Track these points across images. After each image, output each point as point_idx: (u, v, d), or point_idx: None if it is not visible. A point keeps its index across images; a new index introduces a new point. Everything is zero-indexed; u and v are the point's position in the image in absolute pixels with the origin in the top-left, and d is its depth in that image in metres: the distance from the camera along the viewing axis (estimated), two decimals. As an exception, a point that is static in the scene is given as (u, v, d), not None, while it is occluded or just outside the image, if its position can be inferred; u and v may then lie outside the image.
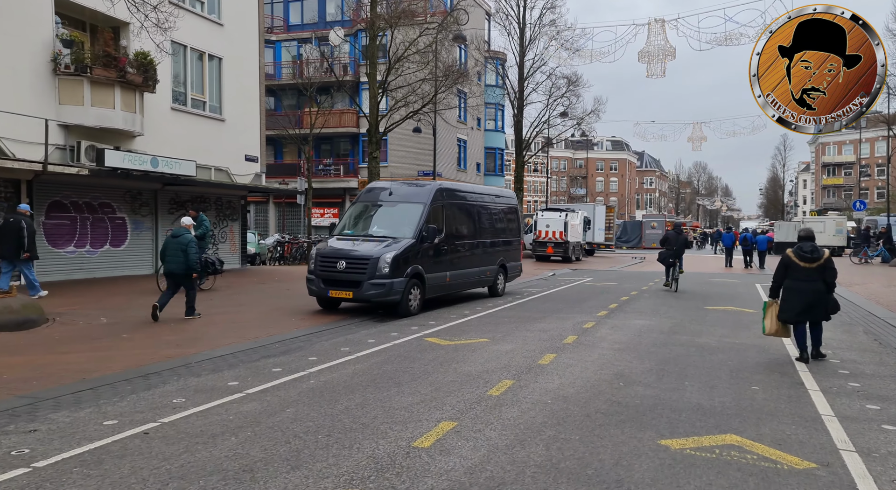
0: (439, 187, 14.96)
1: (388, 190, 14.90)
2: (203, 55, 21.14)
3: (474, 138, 46.36)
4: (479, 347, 9.53)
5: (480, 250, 16.60)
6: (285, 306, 14.09)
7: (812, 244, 8.97)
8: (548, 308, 14.74)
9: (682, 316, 13.67)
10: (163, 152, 19.03)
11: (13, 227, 13.25)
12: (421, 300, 13.75)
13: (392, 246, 13.24)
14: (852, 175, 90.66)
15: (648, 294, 18.25)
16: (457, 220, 15.57)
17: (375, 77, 22.82)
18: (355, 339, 10.22)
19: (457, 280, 15.31)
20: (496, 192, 18.66)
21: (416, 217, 14.00)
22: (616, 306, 15.12)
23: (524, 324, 12.10)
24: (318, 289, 13.26)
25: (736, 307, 15.44)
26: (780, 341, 10.79)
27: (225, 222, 22.64)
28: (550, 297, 17.25)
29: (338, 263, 13.04)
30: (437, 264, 14.40)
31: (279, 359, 8.58)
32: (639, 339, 10.50)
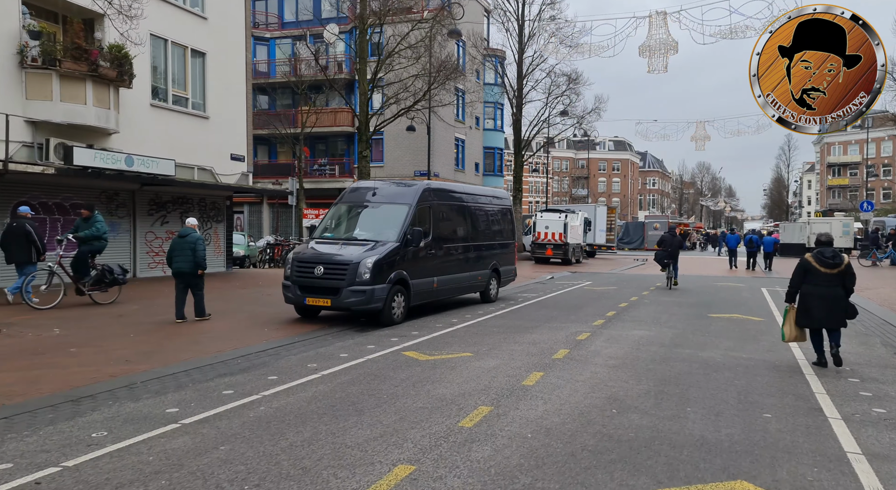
0: (426, 187, 14.09)
1: (371, 190, 14.03)
2: (185, 50, 20.29)
3: (473, 138, 45.47)
4: (459, 363, 8.65)
5: (471, 254, 15.73)
6: (262, 314, 13.22)
7: (833, 249, 8.81)
8: (541, 316, 13.86)
9: (685, 325, 12.77)
10: (142, 151, 18.19)
11: (19, 232, 13.11)
12: (405, 308, 12.88)
13: (374, 250, 12.38)
14: (858, 175, 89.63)
15: (649, 300, 17.35)
16: (446, 221, 14.70)
17: (365, 73, 21.96)
18: (327, 353, 9.35)
19: (445, 286, 14.44)
20: (489, 193, 17.78)
21: (400, 219, 13.13)
22: (614, 314, 14.23)
23: (513, 335, 11.22)
24: (294, 296, 12.40)
25: (741, 315, 14.54)
26: (790, 354, 9.92)
27: (209, 224, 21.77)
28: (545, 304, 16.37)
29: (315, 269, 12.17)
30: (423, 269, 13.53)
31: (236, 378, 7.71)
32: (636, 354, 9.61)
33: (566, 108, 40.00)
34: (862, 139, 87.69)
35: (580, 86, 38.63)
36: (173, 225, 20.10)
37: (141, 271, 18.75)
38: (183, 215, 20.60)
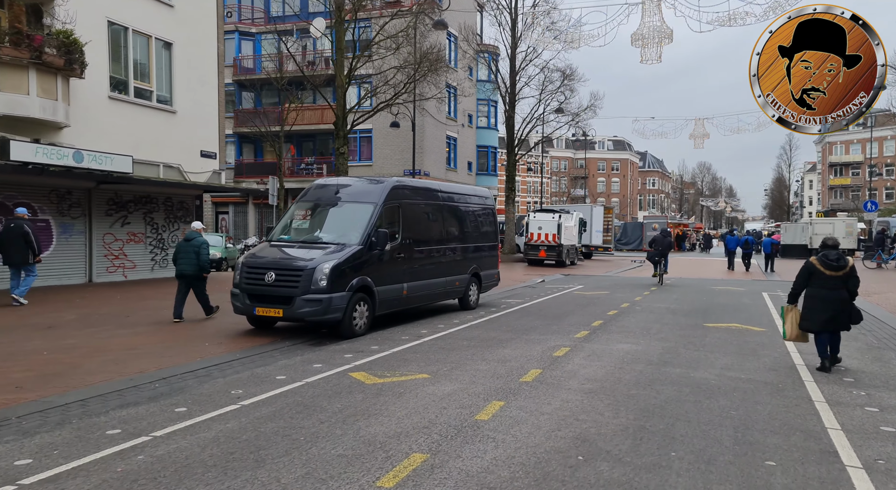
0: (395, 185, 12.85)
1: (334, 188, 12.80)
2: (149, 39, 19.06)
3: (465, 136, 44.23)
4: (410, 389, 7.42)
5: (448, 257, 14.50)
6: (214, 325, 12.00)
7: (837, 252, 8.86)
8: (520, 326, 12.62)
9: (677, 337, 11.53)
10: (100, 146, 16.98)
11: (17, 233, 13.18)
12: (369, 318, 11.64)
13: (333, 254, 11.14)
14: (860, 175, 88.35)
15: (641, 306, 16.10)
16: (418, 222, 13.48)
17: (343, 65, 20.72)
18: (262, 375, 8.12)
19: (417, 293, 13.20)
20: (469, 191, 16.55)
21: (364, 219, 11.90)
22: (600, 324, 12.99)
23: (483, 350, 9.98)
24: (242, 306, 11.16)
25: (740, 324, 13.30)
26: (795, 374, 8.70)
27: (176, 224, 20.53)
28: (529, 311, 15.13)
29: (266, 275, 10.93)
30: (390, 275, 12.30)
31: (137, 410, 6.48)
32: (618, 375, 8.37)
33: (561, 104, 38.73)
34: (864, 138, 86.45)
35: (575, 82, 37.38)
36: (135, 226, 18.90)
37: (98, 276, 17.50)
38: (147, 216, 19.42)
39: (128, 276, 18.60)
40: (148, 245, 19.40)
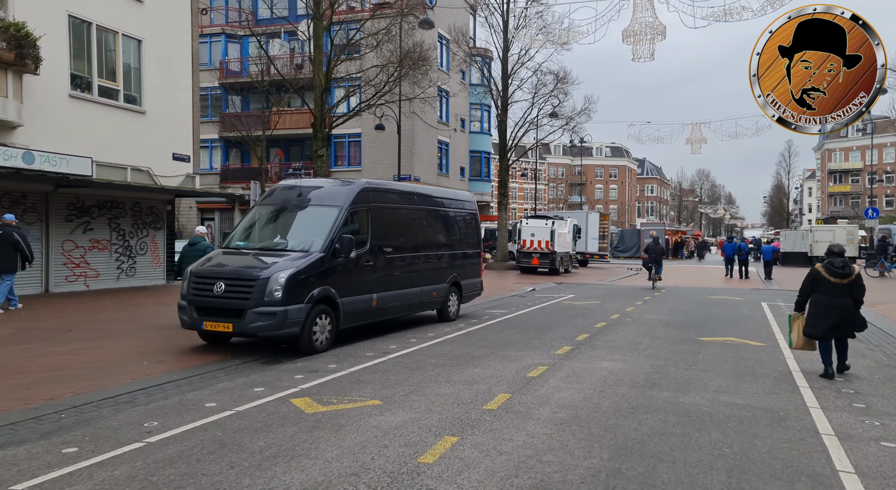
0: (364, 187, 11.87)
1: (298, 190, 11.80)
2: (116, 35, 18.11)
3: (458, 141, 43.30)
4: (354, 419, 6.41)
5: (424, 265, 13.52)
6: (162, 339, 11.00)
7: (843, 259, 8.84)
8: (499, 340, 11.62)
9: (668, 354, 10.53)
10: (59, 147, 16.03)
11: (7, 240, 13.13)
12: (332, 332, 10.64)
13: (290, 262, 10.16)
14: (860, 182, 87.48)
15: (632, 318, 15.10)
16: (390, 228, 12.50)
17: (321, 63, 19.76)
18: (192, 402, 7.11)
19: (388, 304, 12.20)
20: (450, 195, 15.57)
21: (327, 224, 10.92)
22: (586, 338, 11.98)
23: (452, 369, 8.98)
24: (189, 319, 10.15)
25: (737, 339, 12.30)
26: (798, 397, 7.74)
27: (144, 231, 19.52)
28: (512, 323, 14.13)
29: (215, 285, 9.93)
30: (358, 285, 11.31)
31: (16, 450, 5.46)
32: (597, 400, 7.36)
33: (555, 108, 37.78)
34: (863, 145, 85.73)
35: (568, 85, 36.43)
36: (99, 232, 17.90)
37: (55, 285, 16.46)
38: (112, 221, 18.42)
39: (90, 285, 17.57)
40: (113, 253, 18.38)
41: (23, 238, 13.45)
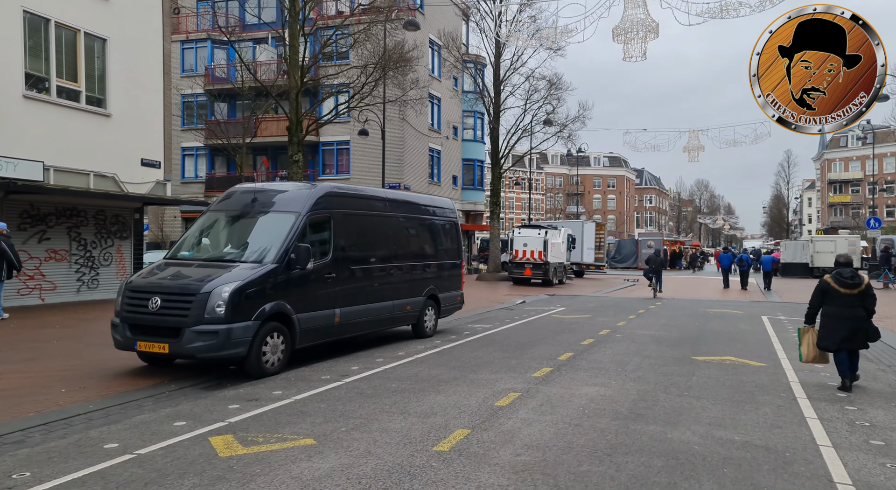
0: (326, 192, 10.82)
1: (252, 194, 10.74)
2: (77, 33, 17.12)
3: (450, 148, 42.34)
4: (273, 467, 5.33)
5: (397, 277, 12.47)
6: (96, 361, 9.92)
7: (852, 270, 8.74)
8: (474, 360, 10.54)
9: (658, 376, 9.46)
10: (13, 151, 15.05)
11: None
12: (286, 352, 9.57)
13: (237, 274, 9.10)
14: (860, 192, 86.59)
15: (622, 334, 14.02)
16: (357, 236, 11.47)
17: (297, 64, 18.77)
18: (91, 441, 6.04)
19: (354, 320, 11.13)
20: (427, 202, 14.54)
21: (282, 232, 9.87)
22: (569, 357, 10.90)
23: (411, 397, 7.90)
24: (122, 339, 9.07)
25: (736, 358, 11.23)
26: (806, 431, 6.69)
27: (109, 240, 18.45)
28: (493, 339, 13.06)
29: (150, 300, 8.86)
30: (318, 299, 10.26)
31: None
32: (571, 437, 6.28)
33: (548, 115, 36.81)
34: (863, 155, 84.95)
35: (562, 91, 35.50)
36: (57, 242, 16.83)
37: (5, 299, 15.37)
38: (72, 231, 17.35)
39: (45, 299, 16.48)
40: (73, 264, 17.32)
41: (10, 247, 13.32)
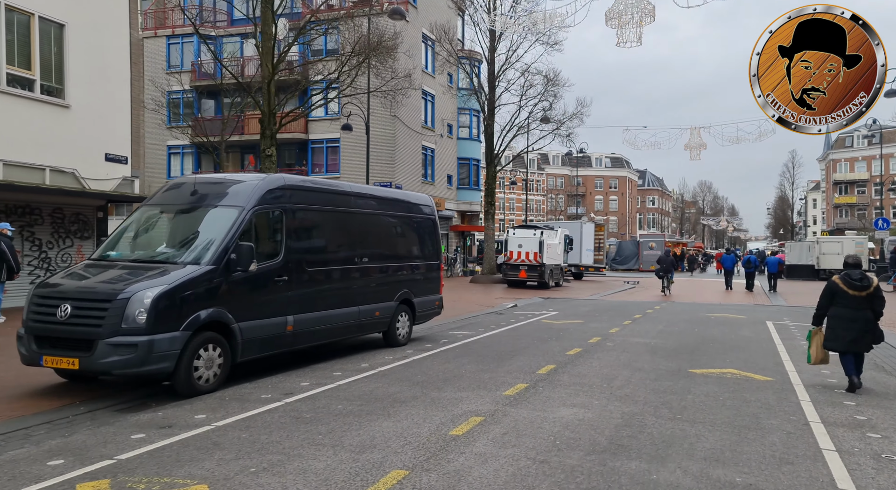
0: (278, 185, 9.62)
1: (192, 187, 9.53)
2: (31, 17, 15.92)
3: (445, 147, 41.12)
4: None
5: (363, 280, 11.28)
6: (10, 377, 8.72)
7: (861, 272, 8.74)
8: (441, 374, 9.33)
9: (648, 394, 8.22)
10: (-45, 144, 13.84)
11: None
12: (224, 367, 8.38)
13: (164, 277, 7.90)
14: (866, 193, 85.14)
15: (614, 342, 12.79)
16: (317, 234, 10.32)
17: (270, 52, 17.59)
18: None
19: (311, 328, 9.93)
20: (401, 197, 13.34)
21: (222, 230, 8.68)
22: (550, 371, 9.67)
23: (353, 422, 6.68)
24: (28, 353, 7.87)
25: (738, 371, 9.99)
26: (825, 472, 5.47)
27: (68, 241, 17.24)
28: (470, 349, 11.85)
29: (59, 308, 7.66)
30: (265, 305, 9.07)
31: None
32: (532, 482, 5.04)
33: (545, 112, 35.59)
34: (869, 155, 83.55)
35: (559, 87, 34.26)
36: (6, 241, 15.60)
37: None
38: (25, 230, 16.16)
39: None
40: (27, 266, 16.12)
41: (9, 248, 13.13)
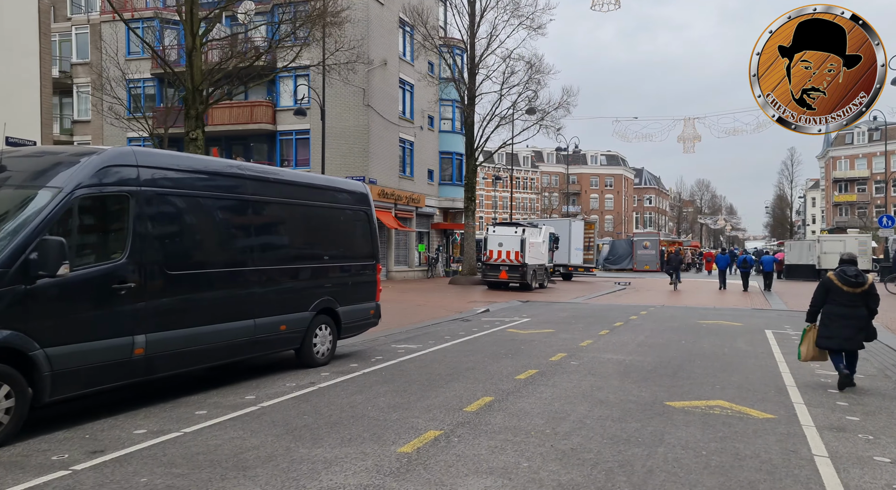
0: (125, 162, 7.27)
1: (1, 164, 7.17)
2: None
3: (425, 140, 38.80)
4: None
5: (260, 287, 8.95)
6: None
7: (856, 268, 8.61)
8: (338, 414, 7.01)
9: (604, 446, 5.91)
10: None
11: None
12: (16, 413, 6.03)
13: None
14: (866, 191, 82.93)
15: (579, 360, 10.45)
16: (185, 227, 8.05)
17: (196, 18, 15.24)
18: None
19: (176, 349, 7.61)
20: (322, 183, 11.06)
21: (23, 218, 6.36)
22: (484, 405, 7.34)
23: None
24: None
25: (729, 403, 7.68)
26: None
27: None
28: (401, 370, 9.54)
29: None
30: (95, 322, 6.74)
31: None
32: None
33: (530, 102, 33.30)
34: (869, 153, 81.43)
35: (543, 75, 31.97)
36: None
37: None
38: None
39: None
40: None
41: None
